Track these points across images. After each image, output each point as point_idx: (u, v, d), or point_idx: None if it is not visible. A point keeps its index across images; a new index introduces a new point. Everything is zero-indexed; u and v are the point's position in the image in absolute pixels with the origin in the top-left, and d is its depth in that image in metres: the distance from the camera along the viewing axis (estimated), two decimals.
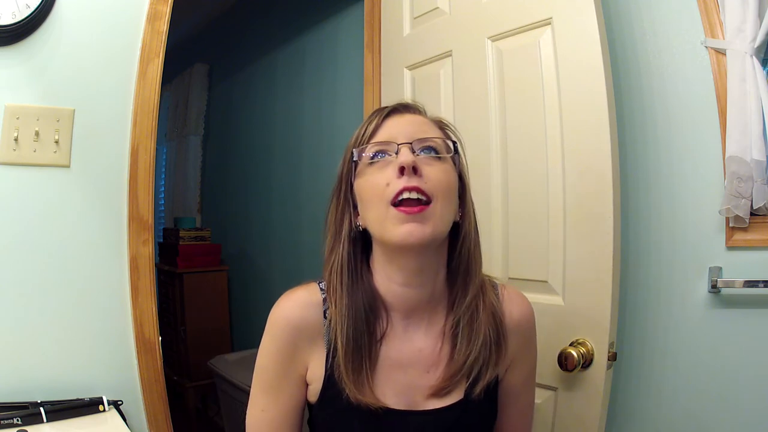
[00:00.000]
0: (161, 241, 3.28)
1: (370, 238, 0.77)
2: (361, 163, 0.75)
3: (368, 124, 0.77)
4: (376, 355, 0.75)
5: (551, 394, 1.11)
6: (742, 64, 1.01)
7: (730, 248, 1.05)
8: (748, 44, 1.00)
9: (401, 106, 0.80)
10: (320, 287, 0.80)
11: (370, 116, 0.79)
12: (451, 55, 1.35)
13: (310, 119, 2.40)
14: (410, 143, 0.73)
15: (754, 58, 1.00)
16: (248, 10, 2.93)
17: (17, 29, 1.05)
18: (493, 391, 0.79)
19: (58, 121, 1.11)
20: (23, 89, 1.09)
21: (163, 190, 3.91)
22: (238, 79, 3.16)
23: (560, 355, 1.03)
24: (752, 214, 1.02)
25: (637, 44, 1.20)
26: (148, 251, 1.20)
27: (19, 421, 0.96)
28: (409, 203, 0.70)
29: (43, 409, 1.00)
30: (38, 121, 1.09)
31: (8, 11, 1.04)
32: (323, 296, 0.78)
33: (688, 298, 1.11)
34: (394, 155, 0.73)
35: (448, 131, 0.81)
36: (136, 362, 1.19)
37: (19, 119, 1.07)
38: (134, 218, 1.19)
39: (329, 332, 0.76)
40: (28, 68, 1.09)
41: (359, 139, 0.77)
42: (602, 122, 1.03)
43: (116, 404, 1.11)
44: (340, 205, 0.79)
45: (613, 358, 1.02)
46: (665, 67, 1.16)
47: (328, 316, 0.77)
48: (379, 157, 0.74)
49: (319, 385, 0.76)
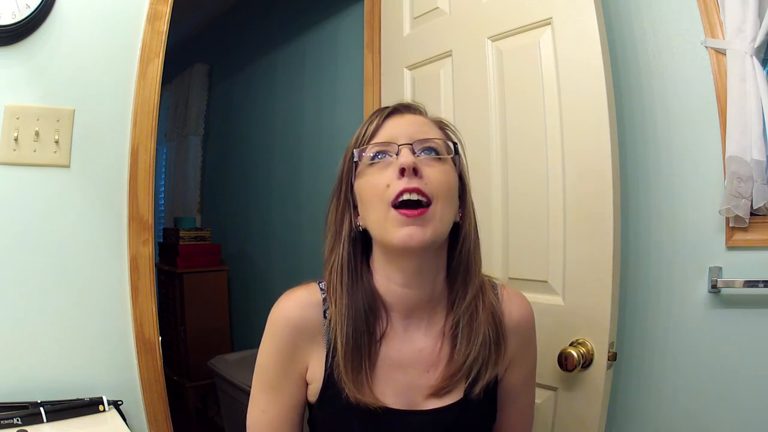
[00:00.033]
0: (161, 241, 3.28)
1: (370, 238, 0.77)
2: (361, 163, 0.75)
3: (369, 124, 0.77)
4: (375, 354, 0.76)
5: (551, 394, 1.11)
6: (742, 64, 1.01)
7: (730, 248, 1.05)
8: (748, 44, 1.00)
9: (402, 106, 0.80)
10: (320, 287, 0.80)
11: (370, 116, 0.79)
12: (451, 55, 1.35)
13: (310, 119, 2.40)
14: (411, 144, 0.73)
15: (754, 58, 1.00)
16: (248, 10, 2.93)
17: (17, 29, 1.05)
18: (492, 390, 0.79)
19: (58, 121, 1.11)
20: (23, 89, 1.09)
21: (163, 190, 3.91)
22: (238, 79, 3.16)
23: (560, 355, 1.03)
24: (752, 214, 1.02)
25: (637, 44, 1.20)
26: (148, 251, 1.20)
27: (19, 421, 0.96)
28: (409, 205, 0.70)
29: (43, 409, 1.00)
30: (38, 121, 1.09)
31: (8, 11, 1.04)
32: (323, 296, 0.78)
33: (688, 298, 1.11)
34: (394, 156, 0.73)
35: (448, 131, 0.81)
36: (136, 362, 1.19)
37: (19, 119, 1.07)
38: (134, 218, 1.19)
39: (329, 332, 0.76)
40: (28, 68, 1.09)
41: (360, 139, 0.77)
42: (602, 122, 1.03)
43: (116, 404, 1.11)
44: (340, 205, 0.79)
45: (613, 358, 1.02)
46: (665, 67, 1.16)
47: (328, 315, 0.77)
48: (379, 157, 0.74)
49: (318, 384, 0.76)
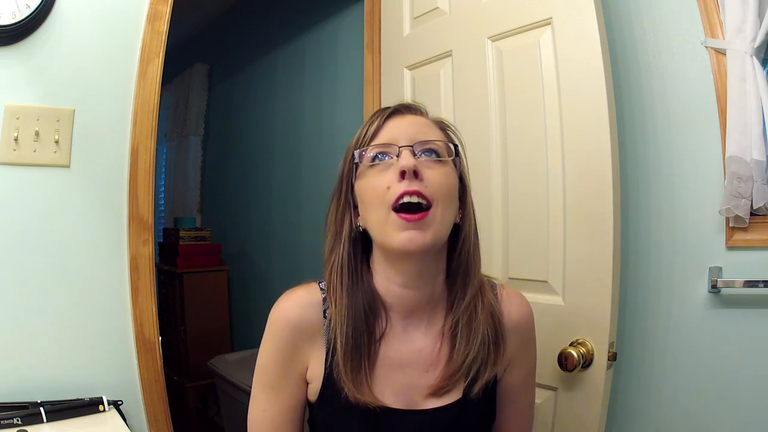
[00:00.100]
0: (161, 241, 3.28)
1: (370, 238, 0.77)
2: (362, 164, 0.75)
3: (369, 125, 0.77)
4: (375, 354, 0.76)
5: (551, 394, 1.11)
6: (742, 64, 1.01)
7: (730, 248, 1.05)
8: (748, 44, 1.00)
9: (403, 107, 0.80)
10: (320, 287, 0.80)
11: (371, 117, 0.79)
12: (451, 55, 1.35)
13: (310, 119, 2.40)
14: (411, 146, 0.72)
15: (754, 58, 1.00)
16: (248, 10, 2.93)
17: (17, 29, 1.05)
18: (491, 390, 0.79)
19: (58, 121, 1.11)
20: (23, 89, 1.09)
21: (163, 190, 3.91)
22: (238, 79, 3.16)
23: (560, 355, 1.03)
24: (752, 214, 1.02)
25: (637, 44, 1.20)
26: (148, 251, 1.20)
27: (19, 421, 0.96)
28: (409, 208, 0.69)
29: (43, 409, 1.00)
30: (38, 121, 1.09)
31: (8, 11, 1.04)
32: (323, 296, 0.78)
33: (688, 298, 1.11)
34: (395, 158, 0.72)
35: (449, 132, 0.81)
36: (136, 362, 1.19)
37: (19, 119, 1.07)
38: (134, 218, 1.19)
39: (329, 332, 0.76)
40: (28, 68, 1.09)
41: (360, 140, 0.77)
42: (602, 122, 1.03)
43: (116, 404, 1.11)
44: (340, 205, 0.79)
45: (613, 358, 1.02)
46: (665, 67, 1.16)
47: (327, 315, 0.77)
48: (380, 159, 0.74)
49: (318, 384, 0.76)
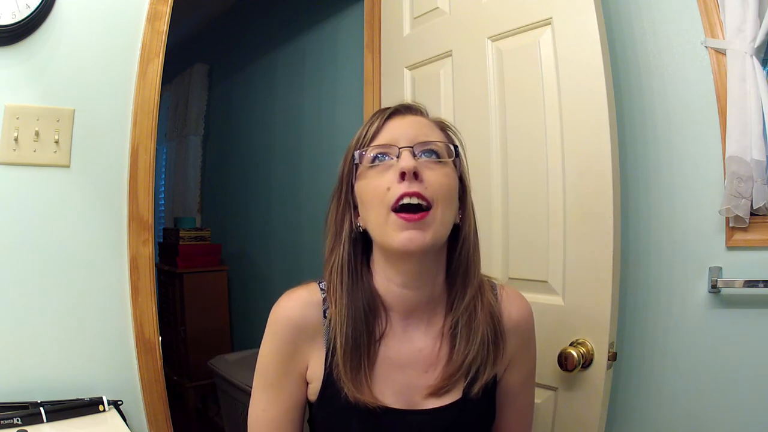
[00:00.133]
0: (161, 241, 3.28)
1: (370, 238, 0.77)
2: (362, 165, 0.75)
3: (369, 125, 0.77)
4: (375, 354, 0.76)
5: (551, 394, 1.11)
6: (742, 64, 1.01)
7: (730, 248, 1.05)
8: (748, 44, 1.00)
9: (403, 107, 0.80)
10: (320, 287, 0.80)
11: (371, 117, 0.79)
12: (451, 55, 1.35)
13: (310, 119, 2.40)
14: (411, 147, 0.72)
15: (754, 58, 1.00)
16: (248, 10, 2.93)
17: (17, 29, 1.05)
18: (491, 390, 0.79)
19: (58, 121, 1.11)
20: (23, 89, 1.09)
21: (163, 190, 3.91)
22: (238, 79, 3.16)
23: (560, 355, 1.03)
24: (752, 214, 1.02)
25: (637, 44, 1.20)
26: (148, 251, 1.20)
27: (19, 421, 0.96)
28: (409, 209, 0.70)
29: (43, 409, 1.00)
30: (38, 121, 1.09)
31: (8, 11, 1.04)
32: (323, 296, 0.79)
33: (688, 298, 1.11)
34: (395, 158, 0.72)
35: (449, 132, 0.81)
36: (136, 362, 1.19)
37: (19, 119, 1.07)
38: (134, 218, 1.19)
39: (329, 331, 0.76)
40: (28, 68, 1.09)
41: (360, 140, 0.77)
42: (602, 122, 1.03)
43: (116, 404, 1.11)
44: (340, 206, 0.79)
45: (613, 358, 1.02)
46: (665, 67, 1.16)
47: (328, 315, 0.77)
48: (380, 159, 0.74)
49: (318, 384, 0.76)
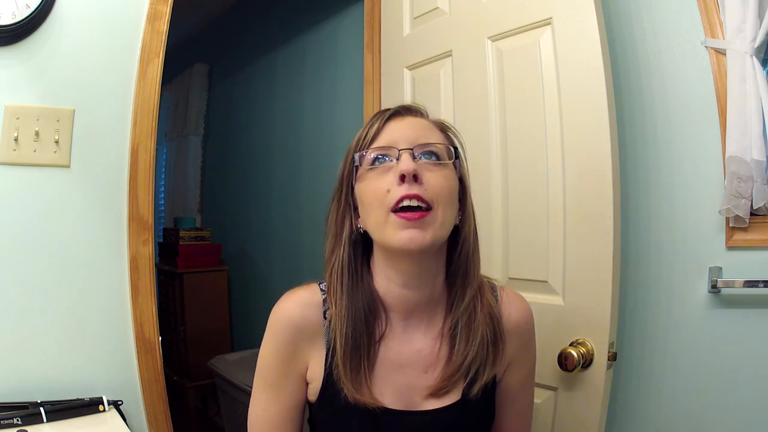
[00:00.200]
0: (161, 241, 3.28)
1: (370, 239, 0.77)
2: (362, 167, 0.75)
3: (369, 127, 0.77)
4: (374, 355, 0.76)
5: (551, 394, 1.11)
6: (742, 64, 1.01)
7: (730, 248, 1.05)
8: (748, 44, 1.00)
9: (403, 108, 0.80)
10: (321, 288, 0.80)
11: (371, 119, 0.79)
12: (451, 55, 1.35)
13: (310, 119, 2.40)
14: (411, 149, 0.72)
15: (754, 58, 1.00)
16: (248, 10, 2.93)
17: (17, 29, 1.05)
18: (490, 391, 0.79)
19: (58, 121, 1.11)
20: (23, 89, 1.09)
21: (163, 190, 3.91)
22: (238, 79, 3.16)
23: (560, 355, 1.03)
24: (752, 214, 1.02)
25: (637, 44, 1.20)
26: (148, 251, 1.20)
27: (19, 421, 0.96)
28: (409, 210, 0.70)
29: (43, 409, 1.00)
30: (38, 121, 1.09)
31: (8, 11, 1.04)
32: (323, 296, 0.79)
33: (688, 298, 1.11)
34: (395, 160, 0.72)
35: (449, 134, 0.81)
36: (136, 362, 1.19)
37: (19, 119, 1.07)
38: (134, 218, 1.19)
39: (329, 332, 0.76)
40: (28, 68, 1.09)
41: (360, 142, 0.77)
42: (602, 122, 1.03)
43: (116, 404, 1.11)
44: (341, 207, 0.79)
45: (613, 358, 1.02)
46: (665, 67, 1.16)
47: (328, 316, 0.77)
48: (379, 161, 0.74)
49: (318, 384, 0.76)
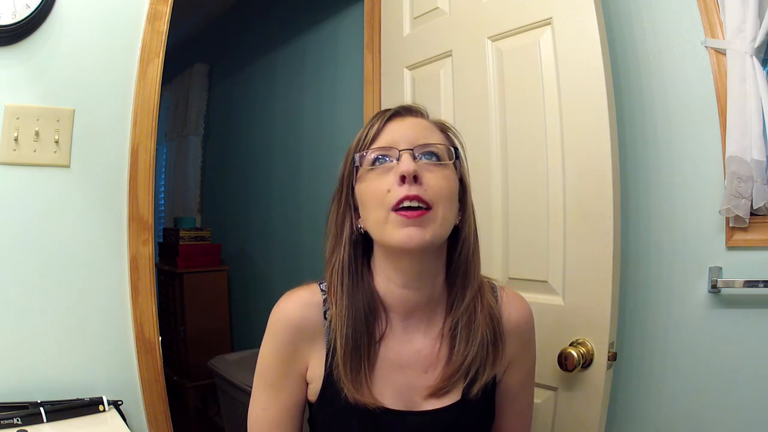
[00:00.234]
0: (161, 241, 3.28)
1: (371, 239, 0.77)
2: (362, 167, 0.75)
3: (370, 127, 0.77)
4: (374, 355, 0.76)
5: (551, 394, 1.11)
6: (742, 64, 1.01)
7: (730, 248, 1.05)
8: (748, 44, 1.00)
9: (403, 109, 0.80)
10: (321, 288, 0.80)
11: (371, 119, 0.79)
12: (451, 55, 1.35)
13: (310, 119, 2.40)
14: (412, 149, 0.72)
15: (754, 58, 1.00)
16: (248, 10, 2.93)
17: (17, 29, 1.05)
18: (490, 391, 0.79)
19: (58, 121, 1.11)
20: (23, 89, 1.09)
21: (163, 190, 3.91)
22: (238, 79, 3.16)
23: (560, 355, 1.03)
24: (752, 214, 1.02)
25: (637, 44, 1.20)
26: (148, 251, 1.20)
27: (19, 421, 0.96)
28: (409, 209, 0.70)
29: (43, 409, 1.00)
30: (38, 121, 1.09)
31: (8, 11, 1.04)
32: (324, 297, 0.79)
33: (688, 298, 1.11)
34: (395, 161, 0.72)
35: (450, 134, 0.81)
36: (136, 362, 1.19)
37: (19, 119, 1.07)
38: (134, 218, 1.19)
39: (329, 332, 0.76)
40: (28, 68, 1.09)
41: (361, 143, 0.77)
42: (602, 122, 1.03)
43: (116, 404, 1.11)
44: (341, 207, 0.79)
45: (613, 358, 1.02)
46: (665, 67, 1.16)
47: (328, 316, 0.77)
48: (380, 162, 0.74)
49: (318, 384, 0.76)
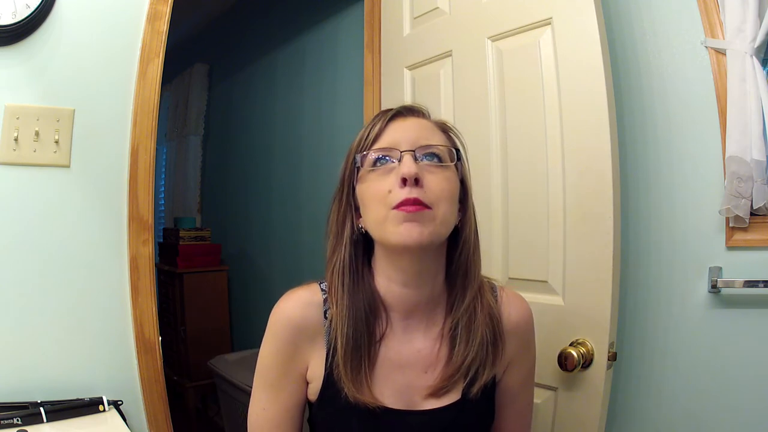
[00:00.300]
0: (161, 241, 3.28)
1: (371, 239, 0.77)
2: (363, 168, 0.75)
3: (371, 128, 0.77)
4: (375, 355, 0.76)
5: (551, 394, 1.11)
6: (742, 64, 1.01)
7: (730, 248, 1.05)
8: (748, 44, 1.00)
9: (405, 109, 0.79)
10: (321, 287, 0.80)
11: (373, 120, 0.79)
12: (451, 55, 1.35)
13: (310, 119, 2.40)
14: (413, 150, 0.72)
15: (754, 58, 1.00)
16: (248, 10, 2.93)
17: (17, 29, 1.05)
18: (490, 391, 0.79)
19: (58, 121, 1.11)
20: (23, 89, 1.09)
21: (163, 190, 3.91)
22: (238, 79, 3.16)
23: (560, 355, 1.03)
24: (752, 214, 1.02)
25: (637, 44, 1.20)
26: (148, 251, 1.20)
27: (19, 421, 0.96)
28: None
29: (43, 409, 1.00)
30: (38, 121, 1.09)
31: (8, 11, 1.04)
32: (324, 296, 0.79)
33: (688, 298, 1.11)
34: (396, 162, 0.72)
35: (451, 134, 0.81)
36: (136, 362, 1.19)
37: (19, 119, 1.07)
38: (134, 218, 1.19)
39: (329, 332, 0.76)
40: (28, 68, 1.09)
41: (362, 143, 0.77)
42: (602, 122, 1.03)
43: (116, 404, 1.11)
44: (342, 207, 0.79)
45: (613, 358, 1.02)
46: (665, 67, 1.16)
47: (328, 316, 0.77)
48: (381, 162, 0.74)
49: (318, 384, 0.76)
